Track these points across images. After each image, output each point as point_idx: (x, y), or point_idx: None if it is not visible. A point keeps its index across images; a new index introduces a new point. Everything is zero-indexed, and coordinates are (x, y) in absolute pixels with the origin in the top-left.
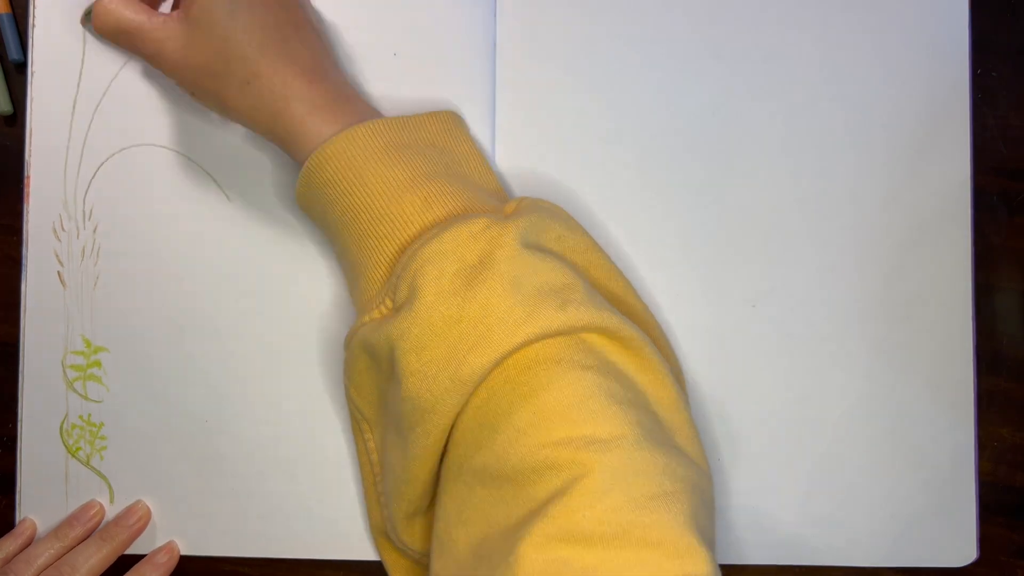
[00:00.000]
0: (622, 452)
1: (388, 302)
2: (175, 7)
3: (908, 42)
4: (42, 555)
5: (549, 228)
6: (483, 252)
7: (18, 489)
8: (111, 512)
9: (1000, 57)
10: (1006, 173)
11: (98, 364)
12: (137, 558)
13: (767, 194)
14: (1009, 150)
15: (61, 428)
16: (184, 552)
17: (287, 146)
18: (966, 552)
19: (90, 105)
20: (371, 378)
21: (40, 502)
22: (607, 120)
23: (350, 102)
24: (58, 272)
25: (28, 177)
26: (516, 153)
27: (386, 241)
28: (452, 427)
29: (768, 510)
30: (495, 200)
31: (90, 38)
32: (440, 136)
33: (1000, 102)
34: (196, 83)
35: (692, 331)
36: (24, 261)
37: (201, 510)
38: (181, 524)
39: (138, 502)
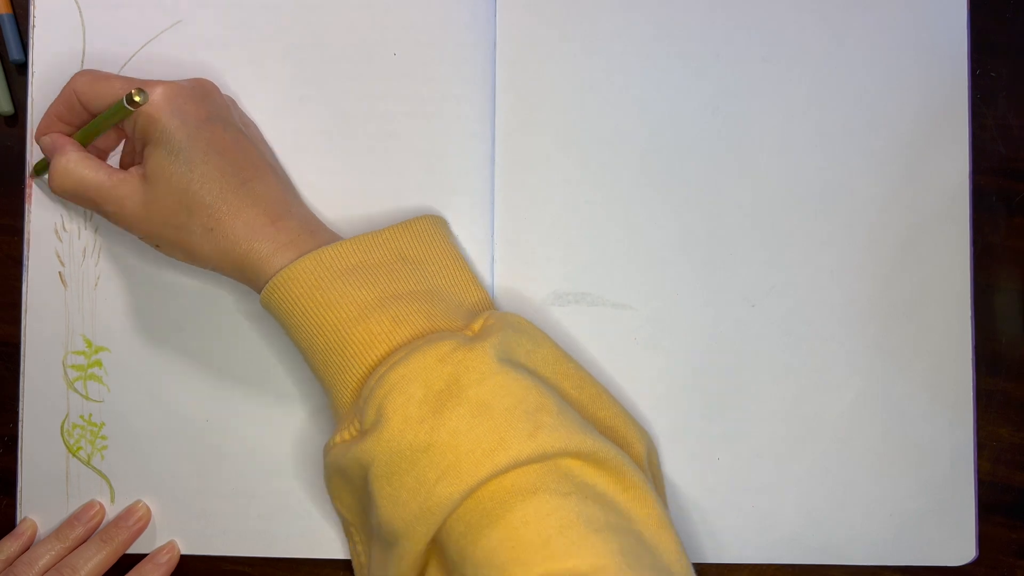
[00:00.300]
0: None
1: (356, 423)
2: (123, 160)
3: (907, 42)
4: (43, 556)
5: (517, 345)
6: (450, 377)
7: (19, 489)
8: (112, 512)
9: (999, 57)
10: (1005, 173)
11: (99, 364)
12: (138, 558)
13: (767, 194)
14: (1008, 150)
15: (62, 428)
16: (184, 552)
17: (254, 284)
18: (965, 551)
19: None
20: (349, 492)
21: (41, 502)
22: (607, 120)
23: (315, 235)
24: (59, 272)
25: (29, 177)
26: (516, 153)
27: (353, 363)
28: (434, 554)
29: (768, 509)
30: (466, 313)
31: (90, 38)
32: (412, 248)
33: (999, 102)
34: (160, 235)
35: (692, 331)
36: (25, 261)
37: (201, 510)
38: (181, 524)
39: (137, 502)
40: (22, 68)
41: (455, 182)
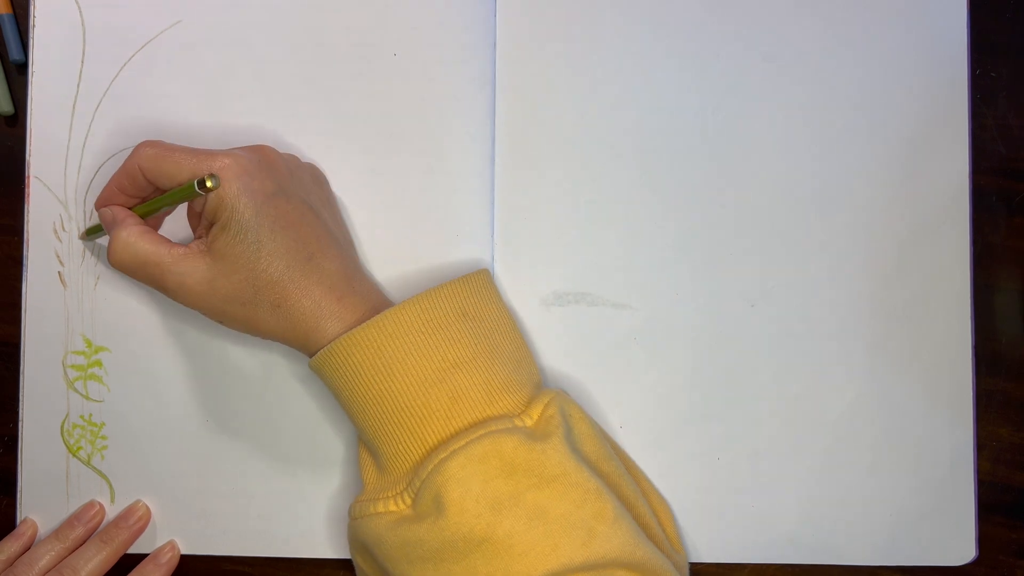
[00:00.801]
0: None
1: (407, 499)
2: (191, 222)
3: (907, 42)
4: (44, 557)
5: (577, 440)
6: (509, 478)
7: (19, 489)
8: (112, 512)
9: (999, 57)
10: (1005, 173)
11: (99, 364)
12: (139, 558)
13: (767, 194)
14: (1008, 150)
15: (62, 428)
16: (184, 552)
17: (312, 352)
18: (965, 551)
19: (90, 105)
20: (373, 563)
21: (41, 501)
22: (607, 120)
23: (377, 306)
24: (59, 272)
25: (29, 177)
26: (516, 153)
27: (409, 437)
28: None
29: (767, 509)
30: (521, 380)
31: (90, 38)
32: (471, 303)
33: (999, 102)
34: (224, 312)
35: (692, 331)
36: (25, 261)
37: (201, 510)
38: (181, 524)
39: (137, 502)
40: (22, 68)
41: (455, 182)
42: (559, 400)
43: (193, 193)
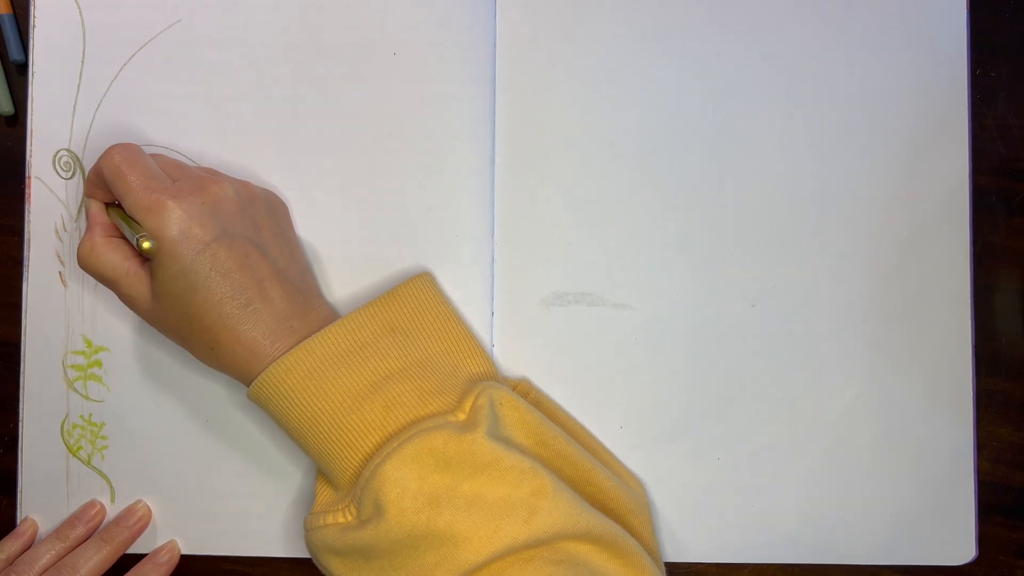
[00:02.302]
0: None
1: (353, 510)
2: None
3: (907, 42)
4: (44, 555)
5: (506, 426)
6: (442, 472)
7: (19, 489)
8: (112, 511)
9: (999, 57)
10: (1005, 173)
11: (99, 364)
12: (138, 558)
13: (767, 194)
14: (1008, 150)
15: (62, 428)
16: (184, 552)
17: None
18: (965, 551)
19: (90, 105)
20: (341, 563)
21: (41, 502)
22: (607, 120)
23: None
24: (59, 272)
25: (29, 177)
26: (516, 153)
27: (348, 452)
28: None
29: (767, 509)
30: (460, 382)
31: (90, 39)
32: (401, 317)
33: (999, 102)
34: (166, 334)
35: (692, 331)
36: (25, 261)
37: (201, 510)
38: (181, 524)
39: (138, 502)
40: (22, 68)
41: (455, 182)
42: (489, 390)
43: (136, 244)
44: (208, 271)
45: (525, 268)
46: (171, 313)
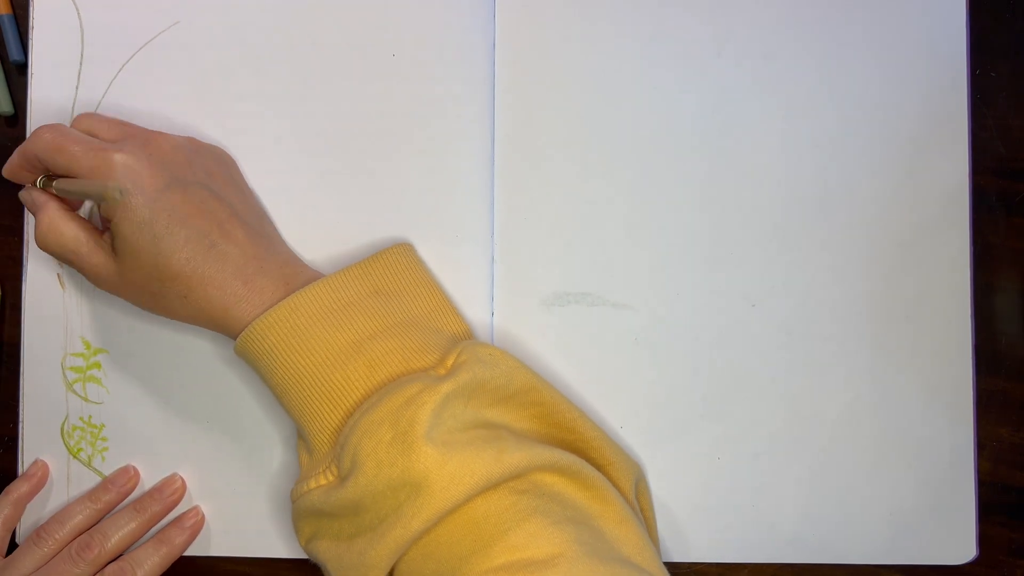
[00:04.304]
0: (562, 570)
1: (334, 469)
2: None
3: (907, 42)
4: (75, 516)
5: (488, 379)
6: (414, 420)
7: None
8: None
9: (999, 57)
10: (1005, 173)
11: (97, 366)
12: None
13: (767, 194)
14: (1008, 150)
15: (62, 429)
16: (184, 552)
17: (232, 336)
18: (965, 551)
19: (90, 105)
20: (325, 531)
21: (42, 502)
22: (607, 120)
23: (289, 284)
24: (58, 274)
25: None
26: (516, 153)
27: (331, 409)
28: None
29: (767, 509)
30: (443, 342)
31: (89, 39)
32: (385, 280)
33: (999, 102)
34: (138, 301)
35: (692, 331)
36: (25, 262)
37: (201, 510)
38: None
39: (173, 475)
40: (22, 68)
41: (455, 182)
42: (473, 347)
43: (101, 198)
44: (167, 219)
45: (525, 268)
46: (137, 270)
